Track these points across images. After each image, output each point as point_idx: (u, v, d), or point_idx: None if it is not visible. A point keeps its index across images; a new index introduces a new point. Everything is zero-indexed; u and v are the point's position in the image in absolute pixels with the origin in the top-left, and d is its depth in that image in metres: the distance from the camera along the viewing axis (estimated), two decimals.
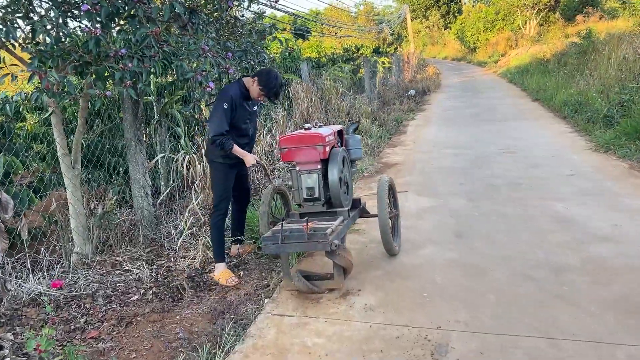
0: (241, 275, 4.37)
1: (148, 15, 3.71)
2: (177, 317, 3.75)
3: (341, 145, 4.55)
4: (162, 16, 4.00)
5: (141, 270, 4.52)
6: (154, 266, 4.66)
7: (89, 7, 3.35)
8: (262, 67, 5.00)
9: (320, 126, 4.34)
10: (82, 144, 5.15)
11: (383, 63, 19.56)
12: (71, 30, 3.65)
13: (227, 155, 4.14)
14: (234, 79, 4.89)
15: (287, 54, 12.63)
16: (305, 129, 4.22)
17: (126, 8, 3.64)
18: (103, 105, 6.41)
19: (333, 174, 3.99)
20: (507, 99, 15.85)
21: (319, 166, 4.01)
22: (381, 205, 4.19)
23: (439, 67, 33.39)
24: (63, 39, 3.57)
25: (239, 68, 4.71)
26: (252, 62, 4.91)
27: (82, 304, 3.99)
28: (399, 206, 4.75)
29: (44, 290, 4.11)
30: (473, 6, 45.14)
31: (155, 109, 6.45)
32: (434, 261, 4.33)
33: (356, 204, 4.47)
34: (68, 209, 4.66)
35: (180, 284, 4.22)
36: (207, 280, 4.34)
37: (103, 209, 4.92)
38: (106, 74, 3.72)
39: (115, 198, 5.08)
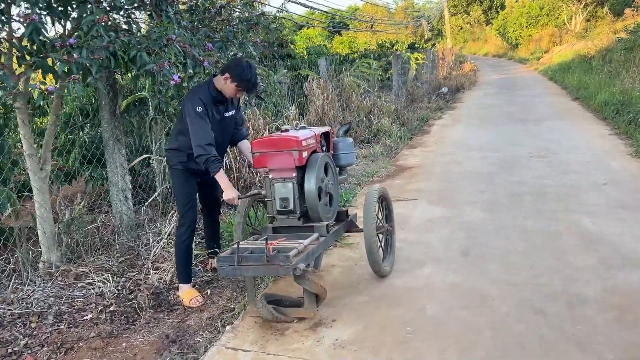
0: (209, 294, 3.87)
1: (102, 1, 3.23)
2: (123, 344, 3.27)
3: (327, 150, 3.98)
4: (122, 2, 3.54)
5: (105, 283, 4.08)
6: (123, 279, 4.22)
7: None
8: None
9: (301, 128, 3.79)
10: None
11: (416, 59, 18.80)
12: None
13: (186, 163, 3.65)
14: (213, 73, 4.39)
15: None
16: (282, 131, 3.68)
17: None
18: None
19: (310, 183, 3.43)
20: (544, 98, 14.88)
21: (294, 174, 3.46)
22: (367, 220, 3.61)
23: (478, 63, 32.22)
24: None
25: (218, 61, 4.19)
26: (235, 55, 4.39)
27: (28, 323, 3.57)
28: (393, 219, 4.15)
29: None
30: (516, 1, 43.47)
31: (150, 106, 6.01)
32: (431, 285, 3.72)
33: (342, 216, 3.89)
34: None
35: (139, 303, 3.76)
36: (172, 299, 3.86)
37: (71, 213, 4.50)
38: (55, 67, 3.27)
39: (83, 203, 4.64)
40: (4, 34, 3.26)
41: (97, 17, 3.07)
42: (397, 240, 4.50)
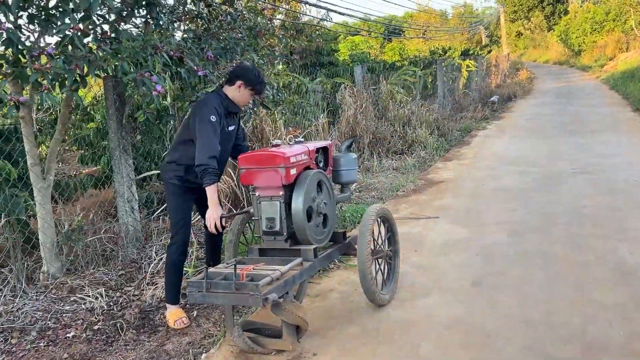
0: (195, 315, 3.67)
1: (81, 8, 3.10)
2: None
3: (325, 166, 3.71)
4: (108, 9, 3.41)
5: (98, 298, 3.96)
6: (117, 293, 4.10)
7: None
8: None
9: (297, 142, 3.54)
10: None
11: (468, 67, 18.18)
12: None
13: (183, 177, 3.46)
14: (212, 84, 4.21)
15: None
16: (273, 146, 3.45)
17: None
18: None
19: (297, 203, 3.18)
20: (602, 108, 13.97)
21: (281, 192, 3.21)
22: (361, 243, 3.32)
23: (537, 71, 30.98)
24: None
25: (214, 71, 4.00)
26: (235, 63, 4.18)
27: (9, 339, 3.48)
28: (397, 242, 3.83)
29: None
30: (581, 6, 41.58)
31: (170, 114, 5.93)
32: (431, 318, 3.37)
33: (338, 238, 3.61)
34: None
35: (124, 322, 3.61)
36: (159, 319, 3.69)
37: (70, 225, 4.43)
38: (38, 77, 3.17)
39: (81, 215, 4.56)
40: None
41: (72, 25, 2.94)
42: (406, 264, 4.19)
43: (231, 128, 3.54)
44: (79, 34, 2.99)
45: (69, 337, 3.51)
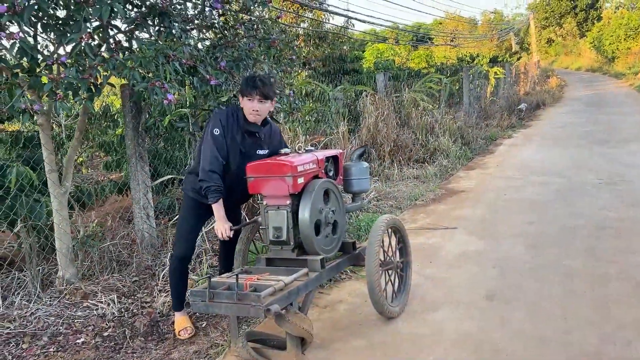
0: (203, 325, 3.67)
1: (93, 17, 3.13)
2: None
3: (335, 175, 3.67)
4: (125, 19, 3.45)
5: (109, 304, 4.00)
6: (130, 300, 4.13)
7: (6, 7, 2.85)
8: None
9: (307, 151, 3.52)
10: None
11: (495, 74, 17.93)
12: None
13: (198, 190, 3.46)
14: (227, 93, 4.22)
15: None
16: (281, 154, 3.43)
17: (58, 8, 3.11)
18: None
19: (304, 213, 3.15)
20: (634, 117, 13.59)
21: (289, 201, 3.18)
22: (370, 253, 3.27)
23: (568, 78, 30.38)
24: None
25: (230, 81, 4.01)
26: (249, 73, 4.18)
27: (21, 343, 3.53)
28: (409, 254, 3.76)
29: None
30: (614, 12, 40.66)
31: (189, 122, 5.98)
32: (440, 333, 3.29)
33: (348, 249, 3.57)
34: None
35: (133, 329, 3.63)
36: (167, 326, 3.70)
37: (85, 231, 4.49)
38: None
39: (96, 221, 4.62)
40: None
41: (80, 36, 2.97)
42: (419, 276, 4.12)
43: (261, 152, 3.42)
44: (89, 42, 3.03)
45: (78, 343, 3.54)
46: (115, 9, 3.05)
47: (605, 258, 4.33)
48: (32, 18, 3.18)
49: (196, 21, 4.15)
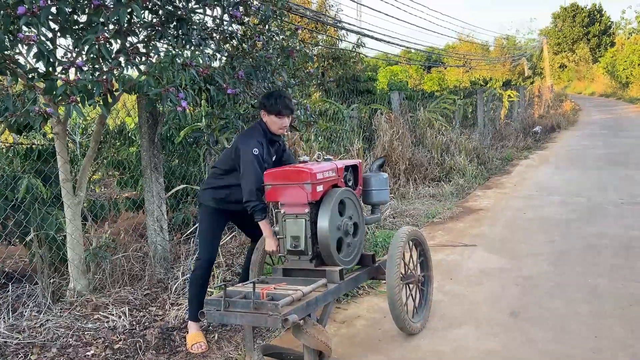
0: (216, 338, 3.55)
1: (111, 19, 3.10)
2: None
3: (355, 185, 3.58)
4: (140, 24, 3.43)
5: (121, 317, 3.90)
6: (141, 313, 4.03)
7: (25, 8, 2.83)
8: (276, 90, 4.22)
9: (326, 160, 3.44)
10: None
11: (509, 97, 17.88)
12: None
13: (224, 198, 3.41)
14: (245, 104, 4.18)
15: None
16: (300, 162, 3.35)
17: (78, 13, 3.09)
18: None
19: (323, 221, 3.05)
20: None
21: (307, 210, 3.09)
22: (390, 266, 3.16)
23: (582, 103, 30.22)
24: None
25: (247, 91, 3.97)
26: (267, 83, 4.13)
27: (29, 354, 3.44)
28: (431, 268, 3.63)
29: (1, 330, 3.65)
30: (628, 38, 40.62)
31: (204, 135, 5.94)
32: (462, 351, 3.15)
33: (367, 261, 3.45)
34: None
35: (144, 342, 3.52)
36: (179, 340, 3.59)
37: (98, 242, 4.41)
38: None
39: (109, 231, 4.55)
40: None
41: (96, 35, 2.93)
42: (440, 292, 3.98)
43: (274, 158, 3.48)
44: (105, 43, 2.99)
45: (88, 355, 3.44)
46: (134, 13, 3.02)
47: (632, 278, 4.17)
48: (51, 22, 3.16)
49: (214, 35, 4.14)
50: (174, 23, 3.58)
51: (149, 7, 3.55)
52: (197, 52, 3.59)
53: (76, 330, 3.72)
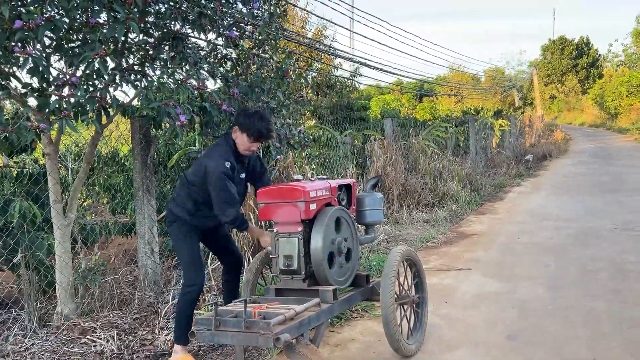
0: None
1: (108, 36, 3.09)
2: None
3: (348, 205, 3.54)
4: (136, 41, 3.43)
5: (109, 341, 3.79)
6: (130, 337, 3.92)
7: (22, 23, 2.82)
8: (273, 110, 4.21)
9: (319, 179, 3.41)
10: None
11: (501, 126, 18.06)
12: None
13: (193, 213, 3.34)
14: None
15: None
16: (293, 180, 3.32)
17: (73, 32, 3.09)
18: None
19: (316, 241, 3.01)
20: None
21: (300, 228, 3.05)
22: (385, 285, 3.10)
23: (573, 133, 30.53)
24: None
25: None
26: (262, 103, 4.12)
27: None
28: (426, 290, 3.58)
29: None
30: (616, 70, 41.36)
31: (199, 152, 5.90)
32: None
33: (361, 282, 3.39)
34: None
35: None
36: None
37: (87, 264, 4.32)
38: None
39: (99, 254, 4.46)
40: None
41: (95, 52, 2.92)
42: (435, 316, 3.91)
43: (242, 176, 3.38)
44: (102, 60, 2.97)
45: None
46: (132, 30, 3.02)
47: (629, 301, 4.12)
48: (47, 39, 3.16)
49: (209, 58, 4.14)
50: (170, 42, 3.58)
51: (144, 29, 3.57)
52: (192, 72, 3.60)
53: (62, 355, 3.62)
